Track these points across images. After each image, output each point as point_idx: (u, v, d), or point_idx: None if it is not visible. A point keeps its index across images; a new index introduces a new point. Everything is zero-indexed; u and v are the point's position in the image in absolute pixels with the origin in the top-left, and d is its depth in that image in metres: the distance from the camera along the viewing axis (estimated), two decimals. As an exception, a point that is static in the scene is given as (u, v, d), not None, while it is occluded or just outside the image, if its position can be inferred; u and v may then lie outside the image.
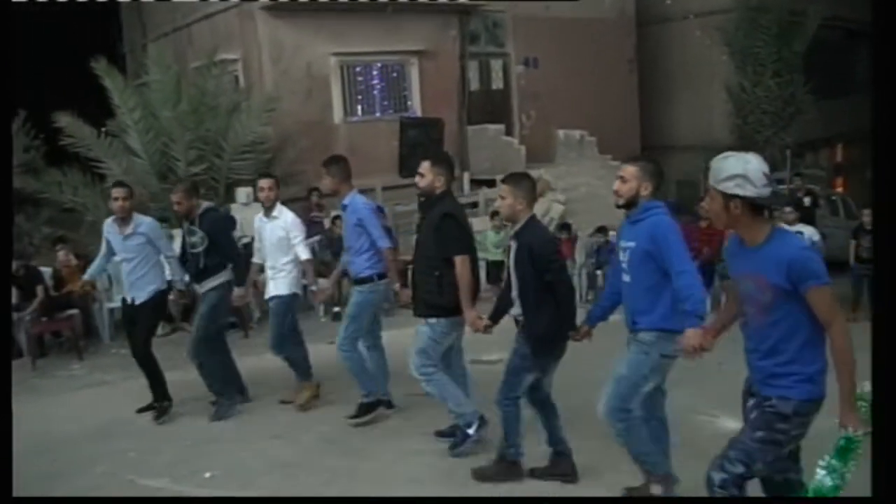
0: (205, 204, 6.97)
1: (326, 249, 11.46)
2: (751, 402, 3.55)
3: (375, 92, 16.49)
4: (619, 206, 4.47)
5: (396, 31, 16.06)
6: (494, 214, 11.93)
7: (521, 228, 4.91)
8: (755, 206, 3.38)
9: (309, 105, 15.55)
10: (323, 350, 7.60)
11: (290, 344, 7.00)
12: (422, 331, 5.56)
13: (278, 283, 6.93)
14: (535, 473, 5.17)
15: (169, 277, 7.12)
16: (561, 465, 5.14)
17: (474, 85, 17.98)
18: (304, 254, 6.92)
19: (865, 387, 3.40)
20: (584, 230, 13.07)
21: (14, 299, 9.16)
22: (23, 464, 6.23)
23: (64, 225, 13.29)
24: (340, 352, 6.32)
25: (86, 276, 7.44)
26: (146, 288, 6.81)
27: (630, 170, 4.38)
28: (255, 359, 8.14)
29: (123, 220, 6.77)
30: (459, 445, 5.64)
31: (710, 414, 6.20)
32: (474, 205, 16.24)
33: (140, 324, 6.87)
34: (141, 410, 7.07)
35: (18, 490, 4.83)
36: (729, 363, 4.30)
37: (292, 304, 7.04)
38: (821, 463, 3.36)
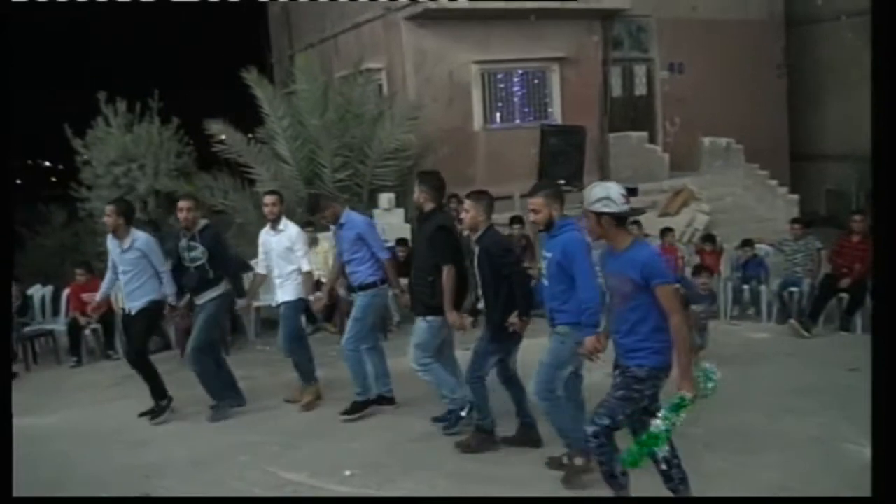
0: (204, 220, 7.46)
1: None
2: (616, 372, 4.54)
3: (516, 99, 16.50)
4: (539, 231, 5.58)
5: (538, 38, 16.03)
6: (633, 223, 11.71)
7: (481, 235, 5.94)
8: (618, 220, 4.40)
9: (450, 112, 15.72)
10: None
11: (298, 346, 7.53)
12: (420, 327, 6.40)
13: (286, 290, 7.48)
14: (506, 441, 6.13)
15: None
16: (528, 433, 6.11)
17: (617, 91, 17.70)
18: (306, 266, 7.47)
19: (704, 364, 4.44)
20: (729, 242, 12.63)
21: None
22: (169, 449, 6.67)
23: (210, 226, 13.89)
24: (344, 350, 7.01)
25: (99, 296, 7.95)
26: (141, 299, 7.28)
27: (538, 201, 5.33)
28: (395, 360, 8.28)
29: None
30: (453, 426, 6.46)
31: (859, 443, 5.80)
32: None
33: (135, 330, 7.35)
34: (143, 415, 7.47)
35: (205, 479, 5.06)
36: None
37: (300, 309, 7.63)
38: (658, 414, 4.28)
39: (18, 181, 47.37)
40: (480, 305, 6.13)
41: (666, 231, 11.30)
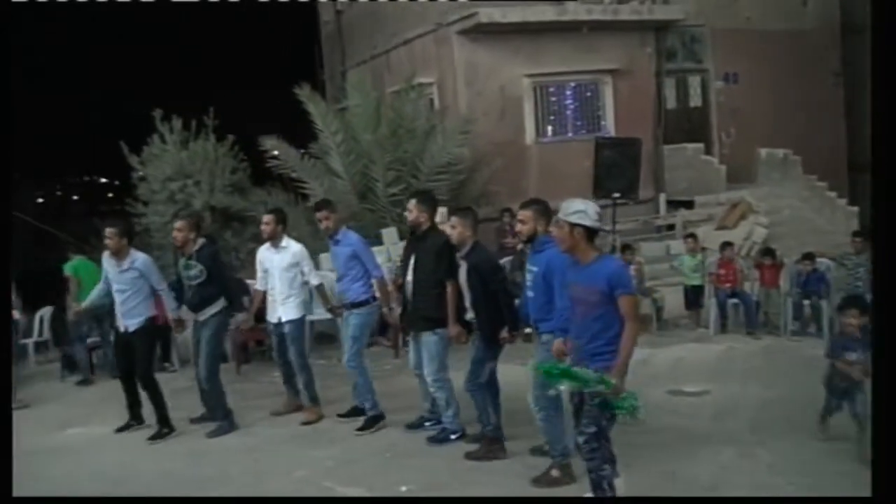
0: (201, 240, 7.59)
1: (517, 270, 11.50)
2: None
3: (568, 112, 16.44)
4: (523, 242, 5.93)
5: (590, 51, 15.98)
6: (689, 237, 11.59)
7: (468, 251, 6.29)
8: (589, 234, 4.72)
9: (502, 126, 15.72)
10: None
11: (307, 364, 7.68)
12: (429, 340, 6.58)
13: (289, 308, 7.55)
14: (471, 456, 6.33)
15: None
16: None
17: (671, 103, 17.54)
18: (315, 280, 7.70)
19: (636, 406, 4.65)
20: (788, 256, 12.40)
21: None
22: (227, 461, 6.72)
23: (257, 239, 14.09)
24: (349, 368, 7.29)
25: (85, 303, 8.14)
26: (138, 317, 7.38)
27: (527, 214, 5.64)
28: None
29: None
30: (439, 441, 6.69)
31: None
32: (670, 227, 15.81)
33: (138, 350, 7.42)
34: (120, 430, 7.63)
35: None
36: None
37: (303, 327, 7.79)
38: (584, 369, 4.62)
39: (75, 197, 48.69)
40: (469, 316, 6.43)
41: (726, 245, 11.13)
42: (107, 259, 7.49)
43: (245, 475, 6.38)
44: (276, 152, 13.59)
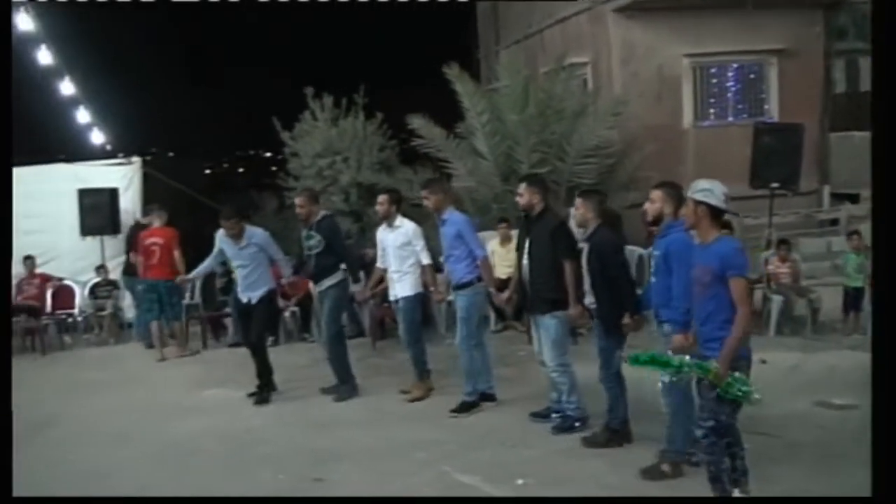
0: (322, 212, 8.04)
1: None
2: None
3: (729, 95, 15.65)
4: (648, 224, 5.77)
5: (755, 29, 15.06)
6: (853, 234, 10.71)
7: (591, 233, 6.21)
8: (713, 214, 4.65)
9: (657, 109, 15.16)
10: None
11: (416, 340, 7.83)
12: (549, 324, 6.51)
13: (404, 285, 7.77)
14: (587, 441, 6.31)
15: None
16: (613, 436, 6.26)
17: (840, 86, 16.44)
18: (426, 259, 7.77)
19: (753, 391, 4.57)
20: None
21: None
22: (349, 435, 6.79)
23: (410, 218, 14.18)
24: (460, 350, 7.35)
25: (191, 274, 8.89)
26: (259, 289, 7.89)
27: (657, 193, 5.59)
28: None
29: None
30: (564, 430, 6.57)
31: None
32: (834, 222, 14.83)
33: (256, 318, 7.91)
34: (250, 395, 7.92)
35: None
36: None
37: (417, 303, 7.90)
38: (682, 359, 4.60)
39: (241, 169, 51.14)
40: (589, 301, 6.35)
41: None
42: (223, 238, 7.96)
43: (363, 451, 6.47)
44: (423, 131, 13.61)
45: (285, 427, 7.19)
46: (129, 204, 12.58)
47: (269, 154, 45.09)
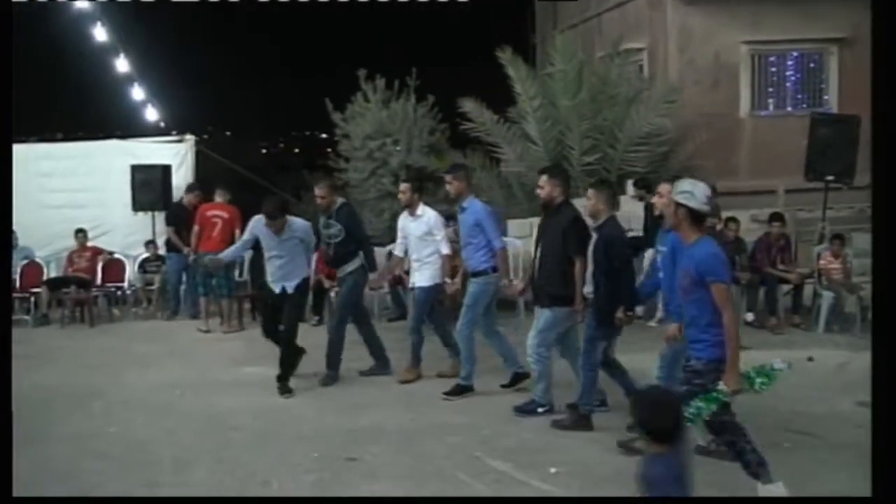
0: (340, 200, 8.14)
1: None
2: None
3: (788, 84, 15.37)
4: (655, 218, 6.12)
5: (816, 17, 14.76)
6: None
7: (602, 224, 6.29)
8: (693, 216, 4.73)
9: (714, 96, 14.96)
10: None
11: (419, 329, 7.92)
12: (545, 315, 6.64)
13: (423, 275, 7.90)
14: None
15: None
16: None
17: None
18: (445, 249, 7.87)
19: (776, 364, 4.69)
20: None
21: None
22: (385, 416, 6.88)
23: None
24: (459, 335, 7.45)
25: (222, 255, 8.76)
26: (296, 279, 7.81)
27: (665, 188, 5.75)
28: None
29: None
30: (525, 412, 6.80)
31: None
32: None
33: (292, 307, 7.83)
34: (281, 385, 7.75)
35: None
36: None
37: (432, 294, 7.96)
38: (693, 402, 4.50)
39: (296, 150, 51.71)
40: (587, 290, 6.40)
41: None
42: (261, 228, 7.75)
43: (398, 433, 6.53)
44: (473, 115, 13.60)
45: (321, 406, 7.28)
46: (182, 181, 12.76)
47: (324, 135, 45.59)
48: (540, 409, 6.78)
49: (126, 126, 20.85)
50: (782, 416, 6.45)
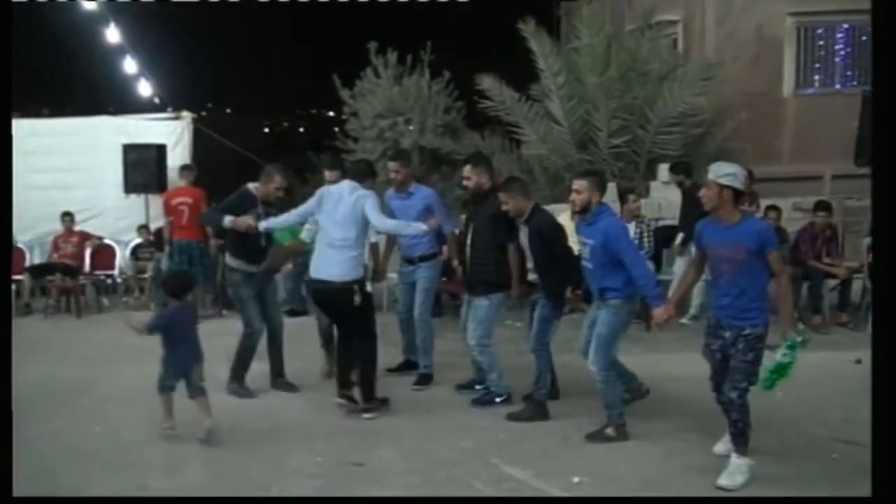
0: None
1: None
2: (719, 340, 5.53)
3: (837, 59, 15.25)
4: (575, 213, 6.36)
5: (870, -15, 14.59)
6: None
7: (529, 216, 6.74)
8: (736, 196, 5.40)
9: (754, 73, 14.89)
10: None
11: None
12: (481, 305, 7.06)
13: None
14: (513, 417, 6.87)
15: None
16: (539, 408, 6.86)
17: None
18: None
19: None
20: None
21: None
22: (402, 414, 6.81)
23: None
24: (418, 325, 7.81)
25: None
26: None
27: (582, 184, 6.20)
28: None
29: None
30: (483, 404, 7.17)
31: None
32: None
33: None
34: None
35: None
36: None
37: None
38: (779, 350, 5.35)
39: (301, 129, 51.70)
40: (532, 277, 6.90)
41: None
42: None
43: (409, 435, 6.51)
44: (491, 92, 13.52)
45: (326, 408, 7.24)
46: (178, 161, 12.77)
47: (331, 114, 45.62)
48: (498, 399, 7.15)
49: (118, 101, 20.85)
50: (832, 424, 6.39)
